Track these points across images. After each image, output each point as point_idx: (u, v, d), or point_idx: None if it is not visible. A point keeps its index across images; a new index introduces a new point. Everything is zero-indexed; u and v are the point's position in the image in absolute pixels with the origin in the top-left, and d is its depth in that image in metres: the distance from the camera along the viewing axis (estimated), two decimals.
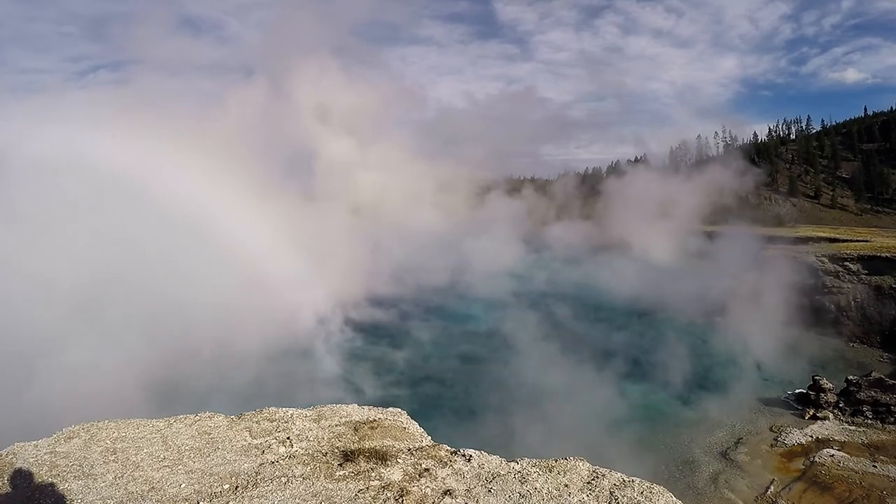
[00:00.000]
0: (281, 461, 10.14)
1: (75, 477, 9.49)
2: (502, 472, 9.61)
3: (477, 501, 8.81)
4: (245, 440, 11.15)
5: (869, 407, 60.38)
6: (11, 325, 60.17)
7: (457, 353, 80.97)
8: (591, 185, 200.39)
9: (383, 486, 9.14)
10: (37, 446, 10.64)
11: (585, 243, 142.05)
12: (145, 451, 10.55)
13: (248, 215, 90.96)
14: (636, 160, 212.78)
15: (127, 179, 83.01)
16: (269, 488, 9.10)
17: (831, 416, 60.83)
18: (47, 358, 59.25)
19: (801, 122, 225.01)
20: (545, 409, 61.30)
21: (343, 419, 12.43)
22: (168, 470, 9.82)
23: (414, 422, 12.73)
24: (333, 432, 11.64)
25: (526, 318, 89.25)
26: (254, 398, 60.73)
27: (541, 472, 9.56)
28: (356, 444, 10.86)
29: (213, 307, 74.66)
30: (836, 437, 56.66)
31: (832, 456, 52.36)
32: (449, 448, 10.76)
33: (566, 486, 9.16)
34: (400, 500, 8.77)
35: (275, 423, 12.02)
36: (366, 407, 13.32)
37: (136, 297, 71.87)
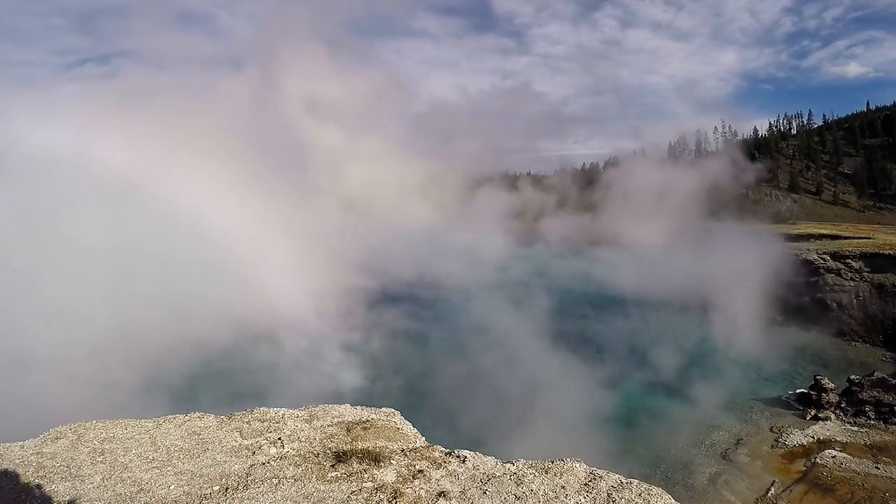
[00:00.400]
0: (272, 462, 10.14)
1: (62, 478, 9.49)
2: (497, 474, 9.61)
3: (472, 503, 8.82)
4: (235, 441, 11.14)
5: (871, 407, 60.40)
6: None
7: (444, 345, 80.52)
8: (586, 179, 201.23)
9: (376, 488, 9.14)
10: (23, 447, 10.63)
11: (579, 237, 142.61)
12: (134, 451, 10.54)
13: (238, 210, 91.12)
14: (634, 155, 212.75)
15: (117, 174, 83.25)
16: (260, 490, 9.11)
17: (833, 416, 60.86)
18: (32, 355, 59.24)
19: (802, 117, 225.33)
20: (538, 407, 61.24)
21: (335, 419, 12.43)
22: (157, 471, 9.82)
23: (407, 422, 12.74)
24: (325, 433, 11.65)
25: (517, 311, 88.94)
26: (237, 392, 61.39)
27: (537, 474, 9.57)
28: (349, 445, 10.86)
29: (197, 300, 74.99)
30: (837, 438, 56.68)
31: (834, 457, 52.42)
32: (443, 449, 10.76)
33: (563, 487, 9.18)
34: (393, 502, 8.78)
35: (266, 424, 12.02)
36: (358, 407, 13.32)
37: (125, 293, 72.08)
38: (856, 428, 58.86)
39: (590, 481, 9.37)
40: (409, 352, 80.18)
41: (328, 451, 10.57)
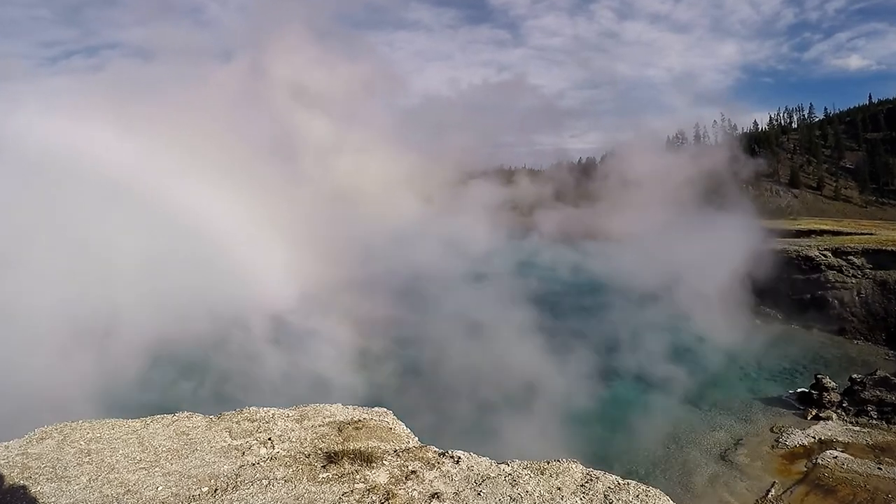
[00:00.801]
0: (262, 463, 10.17)
1: (48, 479, 9.50)
2: (492, 475, 9.64)
3: None
4: (225, 441, 11.17)
5: (874, 406, 60.38)
6: None
7: (430, 337, 79.97)
8: (581, 172, 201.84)
9: (368, 489, 9.16)
10: (7, 447, 10.64)
11: (574, 230, 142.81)
12: (121, 452, 10.57)
13: (226, 204, 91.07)
14: None
15: (103, 167, 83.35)
16: (250, 491, 9.13)
17: (834, 416, 60.86)
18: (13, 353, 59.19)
19: (803, 111, 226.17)
20: (528, 406, 61.22)
21: (326, 419, 12.46)
22: (144, 472, 9.84)
23: (400, 422, 12.77)
24: (316, 433, 11.68)
25: (505, 303, 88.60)
26: (217, 386, 61.85)
27: (532, 475, 9.59)
28: (340, 446, 10.88)
29: (178, 289, 75.34)
30: (839, 438, 56.68)
31: (835, 457, 52.44)
32: (437, 449, 10.79)
33: (559, 489, 9.20)
34: None
35: (255, 424, 12.04)
36: (350, 406, 13.35)
37: (104, 288, 72.26)
38: (858, 428, 58.90)
39: (586, 482, 9.39)
40: (394, 341, 79.87)
41: (319, 452, 10.60)
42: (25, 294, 66.78)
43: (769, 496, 48.04)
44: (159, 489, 9.27)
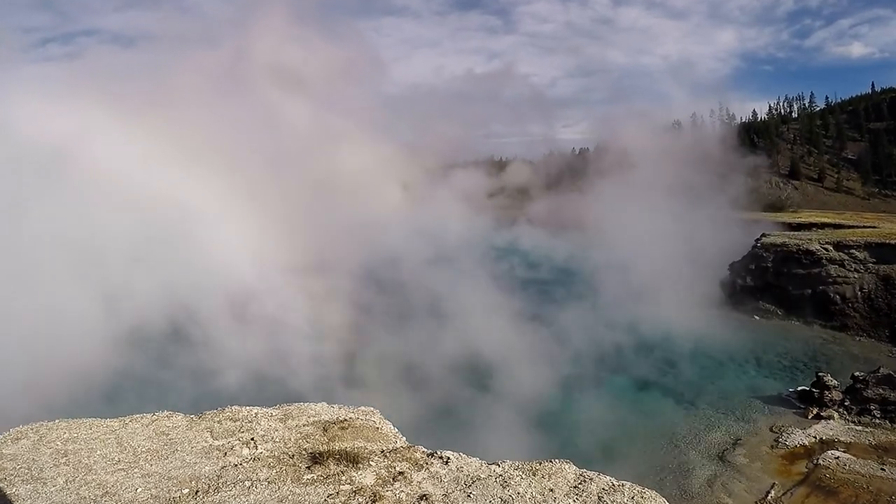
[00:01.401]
0: (244, 464, 10.18)
1: (23, 481, 9.49)
2: (482, 476, 9.66)
3: None
4: (206, 441, 11.16)
5: (877, 405, 60.29)
6: None
7: (410, 325, 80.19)
8: (572, 162, 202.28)
9: (354, 491, 9.18)
10: None
11: (566, 220, 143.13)
12: (98, 452, 10.55)
13: (204, 191, 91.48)
14: None
15: (83, 156, 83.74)
16: (232, 493, 9.14)
17: (836, 415, 60.80)
18: None
19: (803, 100, 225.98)
20: (521, 405, 61.24)
21: (311, 419, 12.45)
22: (123, 473, 9.83)
23: (388, 422, 12.77)
24: (301, 433, 11.68)
25: (496, 299, 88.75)
26: (192, 382, 61.96)
27: (524, 476, 9.62)
28: (325, 446, 10.89)
29: (161, 287, 75.78)
30: (841, 438, 56.67)
31: (837, 458, 52.44)
32: (425, 450, 10.81)
33: (551, 490, 9.23)
34: None
35: (238, 423, 12.03)
36: (336, 405, 13.34)
37: (85, 282, 72.40)
38: (860, 427, 58.91)
39: (580, 483, 9.42)
40: (373, 330, 79.95)
41: (304, 452, 10.61)
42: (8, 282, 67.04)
43: (769, 497, 48.06)
44: (138, 491, 9.26)
